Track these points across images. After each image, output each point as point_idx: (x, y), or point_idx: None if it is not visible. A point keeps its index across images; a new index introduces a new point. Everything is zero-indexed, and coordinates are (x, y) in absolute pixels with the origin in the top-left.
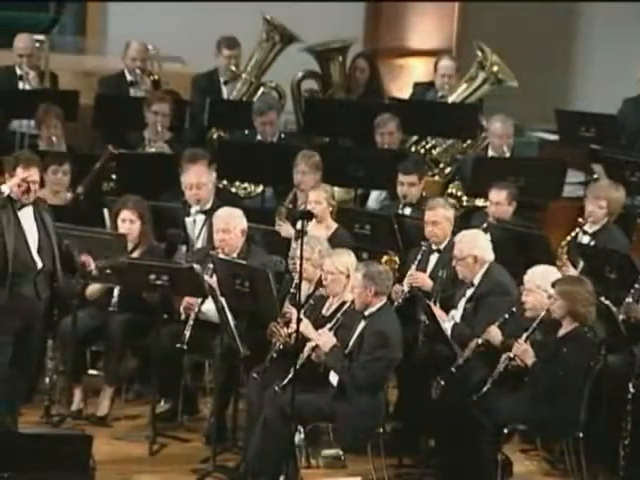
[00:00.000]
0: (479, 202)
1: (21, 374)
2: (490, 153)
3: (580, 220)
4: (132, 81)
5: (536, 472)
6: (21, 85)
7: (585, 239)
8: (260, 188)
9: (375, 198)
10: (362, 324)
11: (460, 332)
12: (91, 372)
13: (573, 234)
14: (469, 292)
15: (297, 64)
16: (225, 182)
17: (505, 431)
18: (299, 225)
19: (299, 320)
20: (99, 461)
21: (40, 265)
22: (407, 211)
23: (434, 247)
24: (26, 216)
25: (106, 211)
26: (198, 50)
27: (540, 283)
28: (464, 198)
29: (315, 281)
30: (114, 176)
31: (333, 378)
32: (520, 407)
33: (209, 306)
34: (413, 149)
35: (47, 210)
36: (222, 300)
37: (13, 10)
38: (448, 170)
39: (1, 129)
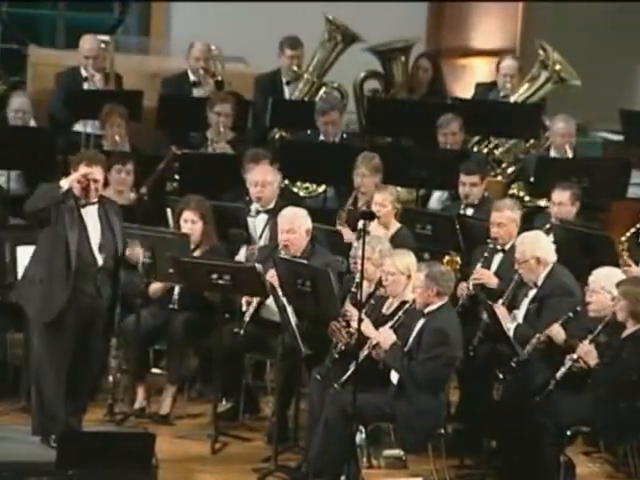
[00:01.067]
0: (542, 202)
1: (85, 372)
2: (552, 153)
3: None
4: (195, 81)
5: (599, 474)
6: (86, 86)
7: None
8: (322, 188)
9: (437, 198)
10: (421, 321)
11: (523, 333)
12: (154, 371)
13: (633, 230)
14: (532, 293)
15: (359, 64)
16: (287, 182)
17: (568, 433)
18: (360, 225)
19: (360, 319)
20: (161, 459)
21: (101, 263)
22: (469, 211)
23: (499, 247)
24: (90, 214)
25: (169, 211)
26: (261, 50)
27: (605, 284)
28: (527, 199)
29: (376, 281)
30: (177, 176)
31: (394, 377)
32: (583, 409)
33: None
34: (475, 149)
35: (117, 211)
36: (284, 300)
37: (78, 11)
38: (511, 170)
39: (66, 130)
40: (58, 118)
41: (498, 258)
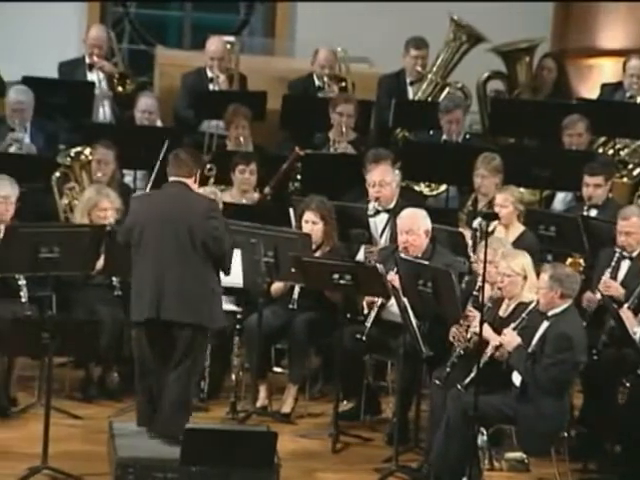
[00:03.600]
0: None
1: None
2: None
3: None
4: (319, 86)
5: None
6: (211, 87)
7: None
8: (443, 188)
9: (561, 199)
10: (545, 325)
11: None
12: (276, 369)
13: None
14: None
15: (483, 64)
16: (409, 181)
17: None
18: (483, 226)
19: (482, 322)
20: (282, 457)
21: None
22: (592, 213)
23: (626, 254)
24: None
25: (292, 211)
26: (385, 50)
27: None
28: None
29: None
30: (299, 176)
31: (516, 379)
32: None
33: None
34: (601, 150)
35: None
36: (405, 300)
37: (204, 11)
38: (637, 172)
39: (192, 130)
40: (182, 118)
41: (626, 265)
